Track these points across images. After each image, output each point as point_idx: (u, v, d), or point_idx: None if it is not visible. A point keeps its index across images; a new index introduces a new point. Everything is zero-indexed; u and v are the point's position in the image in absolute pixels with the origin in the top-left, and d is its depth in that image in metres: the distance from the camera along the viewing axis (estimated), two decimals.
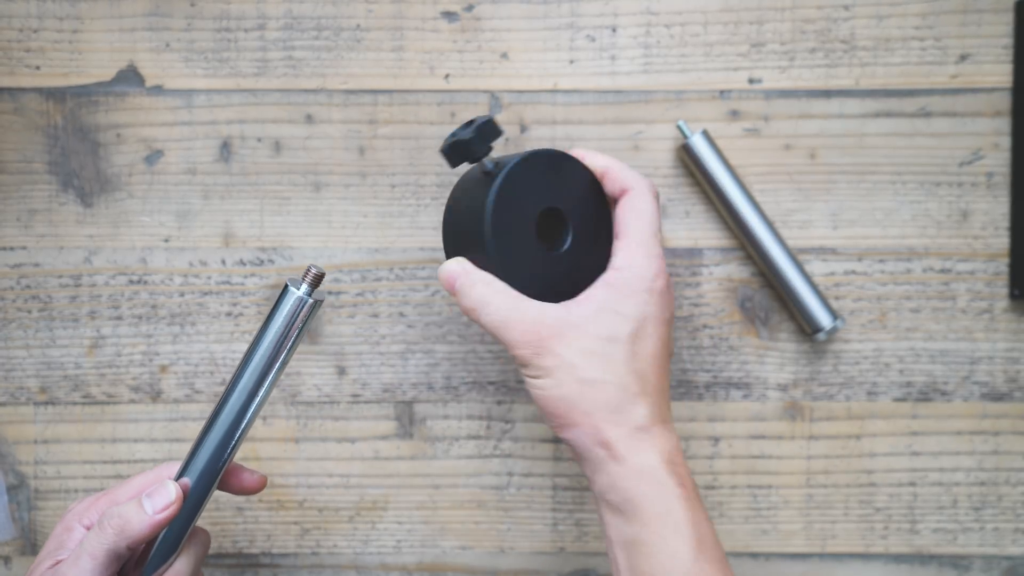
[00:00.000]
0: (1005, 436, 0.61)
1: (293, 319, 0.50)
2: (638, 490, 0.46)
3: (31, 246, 0.61)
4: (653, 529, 0.46)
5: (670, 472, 0.46)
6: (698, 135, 0.58)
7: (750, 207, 0.59)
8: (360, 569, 0.62)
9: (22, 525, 0.62)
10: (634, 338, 0.47)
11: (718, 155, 0.59)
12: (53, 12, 0.60)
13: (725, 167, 0.59)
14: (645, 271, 0.48)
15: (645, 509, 0.46)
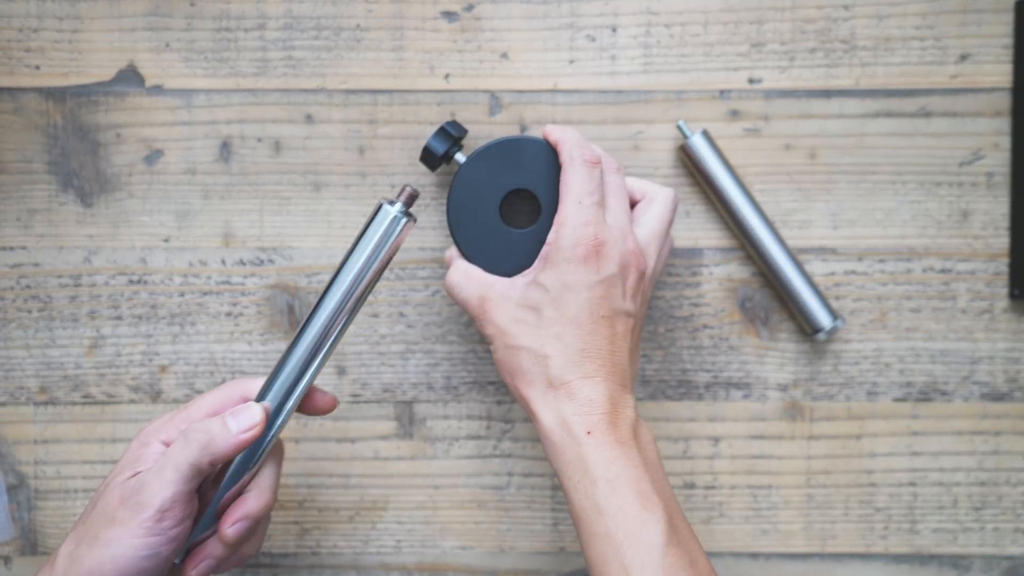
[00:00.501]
0: (1005, 436, 0.61)
1: (388, 238, 0.50)
2: (548, 444, 0.50)
3: (31, 246, 0.61)
4: (567, 476, 0.49)
5: (578, 421, 0.49)
6: (698, 135, 0.58)
7: (750, 207, 0.59)
8: (360, 569, 0.62)
9: (22, 525, 0.62)
10: (554, 304, 0.51)
11: (718, 155, 0.59)
12: (53, 12, 0.60)
13: (725, 167, 0.59)
14: (564, 242, 0.51)
15: (557, 461, 0.50)
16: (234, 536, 0.49)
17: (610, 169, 0.54)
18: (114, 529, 0.46)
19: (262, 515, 0.51)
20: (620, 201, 0.53)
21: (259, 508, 0.50)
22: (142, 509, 0.46)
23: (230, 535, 0.49)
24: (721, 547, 0.62)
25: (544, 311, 0.51)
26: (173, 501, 0.47)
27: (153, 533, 0.46)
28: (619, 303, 0.51)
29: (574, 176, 0.52)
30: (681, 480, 0.62)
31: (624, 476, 0.48)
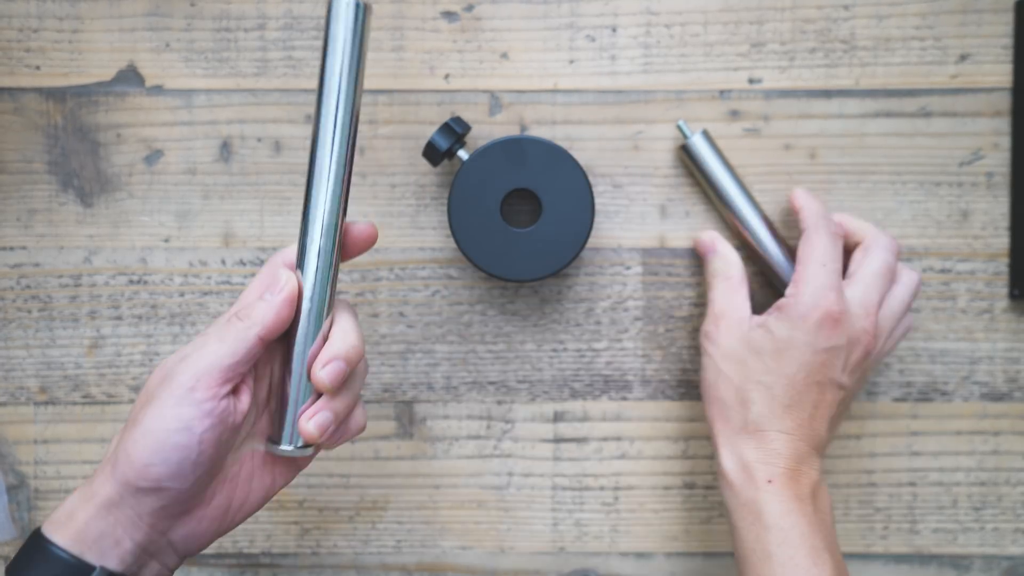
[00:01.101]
0: (1005, 436, 0.61)
1: (356, 31, 0.47)
2: (725, 482, 0.53)
3: (31, 246, 0.61)
4: (739, 516, 0.52)
5: (761, 468, 0.52)
6: (698, 135, 0.58)
7: (750, 207, 0.59)
8: (360, 569, 0.62)
9: (22, 525, 0.62)
10: (775, 354, 0.53)
11: (718, 155, 0.59)
12: (53, 12, 0.60)
13: (725, 167, 0.59)
14: (806, 298, 0.53)
15: (732, 500, 0.52)
16: (329, 379, 0.46)
17: (882, 246, 0.56)
18: (149, 406, 0.44)
19: (351, 356, 0.47)
20: (874, 282, 0.54)
21: (346, 347, 0.47)
22: (174, 379, 0.44)
23: (324, 377, 0.46)
24: (721, 547, 0.62)
25: (764, 357, 0.53)
26: (207, 371, 0.44)
27: (183, 404, 0.44)
28: (836, 374, 0.53)
29: (819, 241, 0.54)
30: (681, 480, 0.62)
31: (798, 529, 0.49)
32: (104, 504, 0.44)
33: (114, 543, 0.44)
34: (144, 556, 0.46)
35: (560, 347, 0.61)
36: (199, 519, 0.47)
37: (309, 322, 0.47)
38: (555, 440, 0.62)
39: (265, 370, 0.49)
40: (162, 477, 0.44)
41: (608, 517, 0.62)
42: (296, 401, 0.47)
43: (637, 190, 0.61)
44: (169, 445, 0.44)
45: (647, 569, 0.62)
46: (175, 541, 0.46)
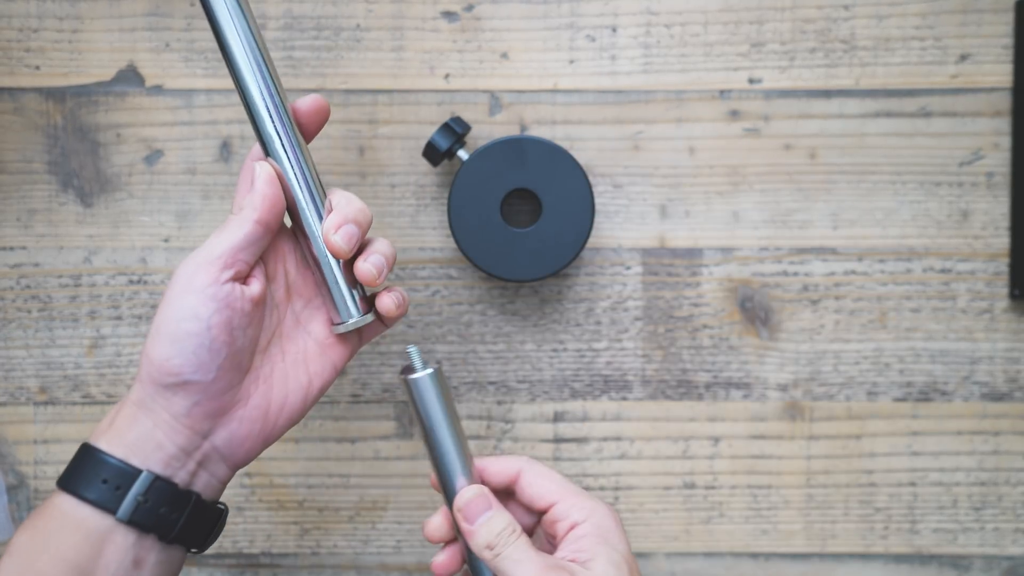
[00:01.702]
0: (1005, 436, 0.61)
1: None
2: None
3: (31, 246, 0.61)
4: None
5: None
6: (428, 373, 0.48)
7: (460, 462, 0.48)
8: (360, 569, 0.62)
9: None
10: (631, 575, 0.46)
11: (442, 396, 0.48)
12: (53, 12, 0.60)
13: (447, 412, 0.48)
14: (603, 511, 0.48)
15: None
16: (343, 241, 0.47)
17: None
18: (159, 308, 0.45)
19: (359, 218, 0.47)
20: None
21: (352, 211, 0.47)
22: (176, 276, 0.45)
23: (338, 241, 0.47)
24: (721, 547, 0.62)
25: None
26: (205, 260, 0.45)
27: (186, 293, 0.44)
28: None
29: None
30: (681, 480, 0.62)
31: None
32: (137, 404, 0.45)
33: (156, 447, 0.45)
34: (190, 463, 0.46)
35: (560, 347, 0.61)
36: (239, 420, 0.47)
37: (307, 200, 0.48)
38: (555, 440, 0.62)
39: (277, 268, 0.49)
40: (183, 369, 0.44)
41: None
42: (335, 275, 0.48)
43: (637, 190, 0.61)
44: (181, 334, 0.44)
45: (647, 569, 0.62)
46: (219, 447, 0.47)
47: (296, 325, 0.49)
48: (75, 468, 0.45)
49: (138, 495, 0.44)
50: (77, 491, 0.44)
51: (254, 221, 0.46)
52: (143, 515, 0.44)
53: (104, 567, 0.44)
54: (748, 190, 0.60)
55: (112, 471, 0.44)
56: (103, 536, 0.44)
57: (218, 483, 0.48)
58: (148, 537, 0.45)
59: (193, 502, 0.46)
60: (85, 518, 0.44)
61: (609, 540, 0.46)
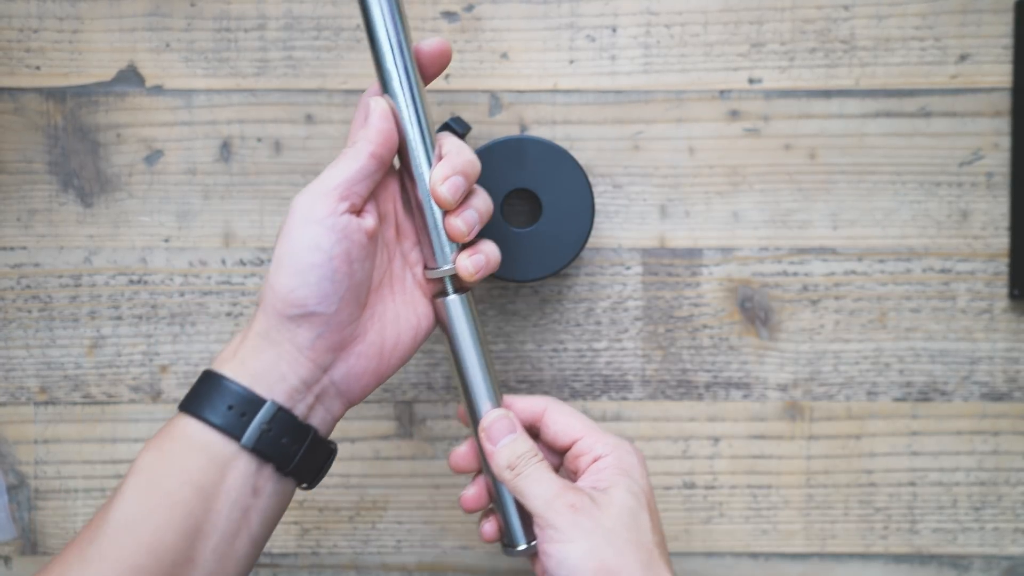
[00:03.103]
0: (1005, 436, 0.61)
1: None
2: None
3: (31, 246, 0.61)
4: None
5: None
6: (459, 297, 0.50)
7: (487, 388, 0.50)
8: (360, 569, 0.62)
9: (22, 525, 0.62)
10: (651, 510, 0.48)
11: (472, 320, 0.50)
12: (53, 12, 0.60)
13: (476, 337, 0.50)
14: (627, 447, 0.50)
15: None
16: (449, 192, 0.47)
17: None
18: (279, 241, 0.46)
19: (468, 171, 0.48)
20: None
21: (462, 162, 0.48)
22: (295, 209, 0.46)
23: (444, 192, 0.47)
24: (721, 547, 0.62)
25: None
26: (322, 192, 0.45)
27: (307, 224, 0.45)
28: None
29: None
30: (681, 480, 0.62)
31: None
32: (261, 336, 0.46)
33: (280, 378, 0.46)
34: (309, 396, 0.47)
35: (560, 347, 0.61)
36: (356, 356, 0.48)
37: (419, 143, 0.48)
38: None
39: (388, 208, 0.50)
40: (307, 300, 0.45)
41: None
42: (435, 221, 0.49)
43: (637, 190, 0.61)
44: (304, 266, 0.45)
45: None
46: (337, 381, 0.47)
47: (405, 266, 0.51)
48: (200, 393, 0.45)
49: (263, 423, 0.45)
50: (204, 416, 0.45)
51: (369, 154, 0.47)
52: (265, 444, 0.45)
53: (226, 492, 0.44)
54: (748, 190, 0.60)
55: (238, 398, 0.45)
56: (227, 461, 0.45)
57: (331, 420, 0.48)
58: (267, 466, 0.45)
59: (312, 436, 0.46)
60: (210, 442, 0.45)
61: (630, 473, 0.48)
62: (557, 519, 0.46)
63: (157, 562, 0.43)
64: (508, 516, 0.51)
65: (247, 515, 0.45)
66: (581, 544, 0.46)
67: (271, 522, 0.47)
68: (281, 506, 0.47)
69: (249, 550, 0.46)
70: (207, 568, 0.44)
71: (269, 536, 0.47)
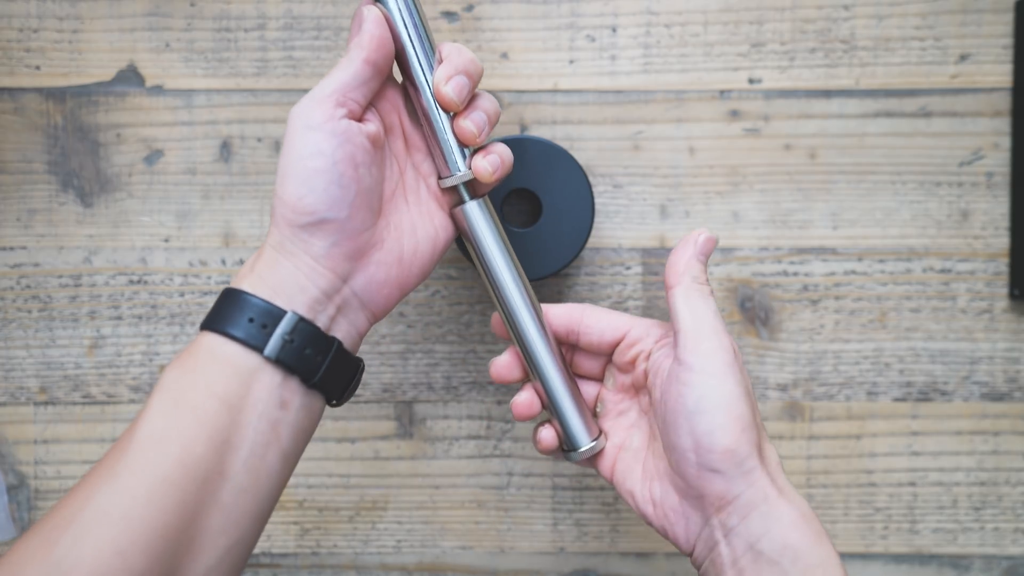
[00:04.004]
0: (1005, 436, 0.61)
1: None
2: (799, 537, 0.44)
3: (31, 246, 0.61)
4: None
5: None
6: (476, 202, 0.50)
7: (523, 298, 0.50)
8: (360, 569, 0.62)
9: (22, 525, 0.62)
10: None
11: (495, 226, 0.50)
12: (53, 12, 0.60)
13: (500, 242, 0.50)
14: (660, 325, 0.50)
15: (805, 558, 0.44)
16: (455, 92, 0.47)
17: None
18: (281, 153, 0.46)
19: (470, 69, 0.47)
20: None
21: (463, 61, 0.47)
22: (293, 118, 0.45)
23: (449, 92, 0.47)
24: None
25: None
26: (318, 99, 0.45)
27: (306, 132, 0.45)
28: None
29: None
30: None
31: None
32: (276, 249, 0.45)
33: (299, 289, 0.45)
34: (331, 306, 0.46)
35: None
36: (376, 264, 0.47)
37: (417, 49, 0.47)
38: None
39: (392, 120, 0.49)
40: (317, 207, 0.45)
41: (608, 517, 0.62)
42: (443, 127, 0.48)
43: (637, 190, 0.61)
44: (308, 172, 0.44)
45: (647, 569, 0.62)
46: (358, 291, 0.47)
47: (418, 177, 0.50)
48: (220, 309, 0.45)
49: (284, 334, 0.44)
50: (225, 329, 0.44)
51: (363, 60, 0.46)
52: (289, 354, 0.44)
53: (252, 404, 0.44)
54: (748, 190, 0.60)
55: (258, 311, 0.44)
56: (251, 373, 0.44)
57: (356, 333, 0.48)
58: (292, 378, 0.45)
59: (336, 347, 0.46)
60: (233, 355, 0.44)
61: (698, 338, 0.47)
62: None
63: (187, 474, 0.42)
64: (565, 418, 0.49)
65: (276, 429, 0.44)
66: (727, 384, 0.45)
67: (302, 438, 0.46)
68: (311, 421, 0.46)
69: (280, 466, 0.45)
70: (238, 481, 0.43)
71: (300, 454, 0.46)
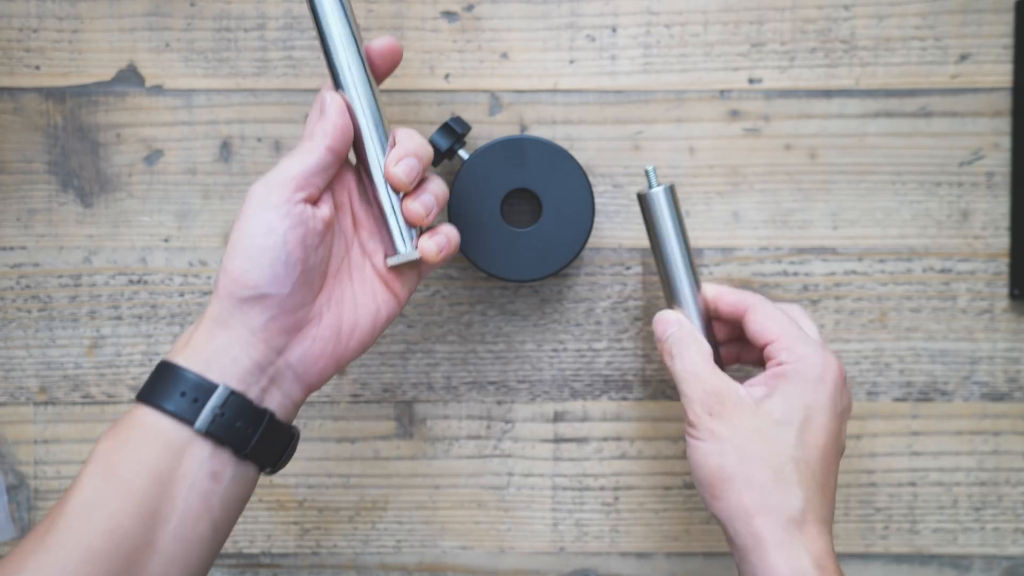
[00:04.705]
0: (1005, 436, 0.61)
1: None
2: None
3: (31, 246, 0.61)
4: None
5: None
6: (661, 188, 0.53)
7: (687, 276, 0.54)
8: (360, 569, 0.62)
9: (22, 525, 0.62)
10: (803, 426, 0.48)
11: (675, 213, 0.54)
12: (53, 12, 0.60)
13: (677, 228, 0.54)
14: (814, 360, 0.50)
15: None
16: (404, 173, 0.49)
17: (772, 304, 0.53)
18: (235, 226, 0.47)
19: (420, 153, 0.49)
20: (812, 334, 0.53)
21: (414, 146, 0.49)
22: (252, 195, 0.47)
23: (399, 173, 0.49)
24: (721, 547, 0.62)
25: (792, 429, 0.48)
26: (280, 181, 0.47)
27: (263, 210, 0.46)
28: (844, 438, 0.51)
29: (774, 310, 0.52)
30: (681, 480, 0.62)
31: None
32: (214, 321, 0.46)
33: (232, 361, 0.46)
34: (264, 379, 0.47)
35: (560, 347, 0.61)
36: (312, 338, 0.48)
37: (373, 135, 0.50)
38: (555, 440, 0.62)
39: (343, 199, 0.51)
40: (260, 282, 0.46)
41: (608, 517, 0.62)
42: (392, 208, 0.50)
43: (637, 190, 0.61)
44: (257, 249, 0.46)
45: (647, 569, 0.62)
46: (293, 364, 0.48)
47: (363, 255, 0.51)
48: (154, 382, 0.46)
49: (215, 407, 0.45)
50: (157, 403, 0.45)
51: (326, 148, 0.48)
52: (220, 428, 0.45)
53: (183, 477, 0.45)
54: (748, 190, 0.60)
55: (190, 384, 0.45)
56: (182, 446, 0.45)
57: (291, 404, 0.49)
58: (224, 450, 0.46)
59: (267, 419, 0.47)
60: (165, 429, 0.45)
61: (800, 383, 0.49)
62: (694, 418, 0.50)
63: (115, 546, 0.43)
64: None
65: (207, 499, 0.45)
66: (709, 445, 0.48)
67: (235, 506, 0.47)
68: (244, 491, 0.47)
69: (212, 534, 0.46)
70: (167, 552, 0.44)
71: (235, 520, 0.47)
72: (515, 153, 0.56)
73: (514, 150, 0.56)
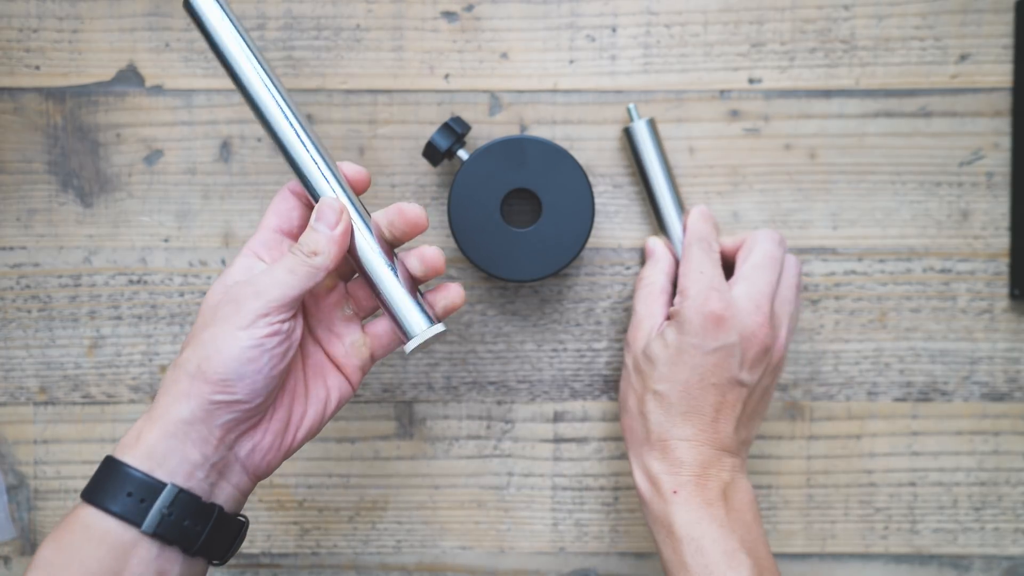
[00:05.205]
0: (1005, 436, 0.61)
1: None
2: (639, 496, 0.54)
3: (31, 246, 0.61)
4: (655, 531, 0.53)
5: (666, 480, 0.52)
6: (642, 121, 0.58)
7: (673, 204, 0.59)
8: (360, 569, 0.62)
9: (22, 525, 0.62)
10: (669, 363, 0.53)
11: (657, 146, 0.59)
12: (53, 12, 0.60)
13: (660, 159, 0.59)
14: (687, 303, 0.53)
15: (646, 514, 0.54)
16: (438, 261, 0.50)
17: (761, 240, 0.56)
18: (221, 328, 0.46)
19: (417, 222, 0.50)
20: (758, 275, 0.54)
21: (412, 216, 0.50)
22: (245, 304, 0.46)
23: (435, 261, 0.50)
24: None
25: (659, 365, 0.53)
26: (278, 300, 0.46)
27: (258, 326, 0.46)
28: (734, 372, 0.52)
29: (692, 253, 0.55)
30: None
31: (709, 536, 0.50)
32: (181, 423, 0.46)
33: (182, 459, 0.46)
34: (213, 473, 0.47)
35: (560, 347, 0.61)
36: (263, 432, 0.48)
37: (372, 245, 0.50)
38: (555, 440, 0.62)
39: None
40: (238, 391, 0.46)
41: (608, 517, 0.62)
42: (405, 292, 0.50)
43: (637, 190, 0.61)
44: (244, 361, 0.46)
45: (647, 569, 0.62)
46: (241, 456, 0.48)
47: (314, 343, 0.51)
48: (99, 481, 0.45)
49: (163, 507, 0.45)
50: (102, 504, 0.44)
51: (326, 269, 0.48)
52: (167, 528, 0.45)
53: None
54: (748, 190, 0.60)
55: (136, 484, 0.45)
56: (127, 548, 0.44)
57: (240, 495, 0.48)
58: (172, 549, 0.45)
59: (216, 515, 0.46)
60: (110, 530, 0.44)
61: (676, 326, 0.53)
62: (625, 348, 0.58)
63: None
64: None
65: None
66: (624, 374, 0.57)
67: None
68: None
69: None
70: None
71: None
72: (515, 153, 0.56)
73: (514, 150, 0.56)
